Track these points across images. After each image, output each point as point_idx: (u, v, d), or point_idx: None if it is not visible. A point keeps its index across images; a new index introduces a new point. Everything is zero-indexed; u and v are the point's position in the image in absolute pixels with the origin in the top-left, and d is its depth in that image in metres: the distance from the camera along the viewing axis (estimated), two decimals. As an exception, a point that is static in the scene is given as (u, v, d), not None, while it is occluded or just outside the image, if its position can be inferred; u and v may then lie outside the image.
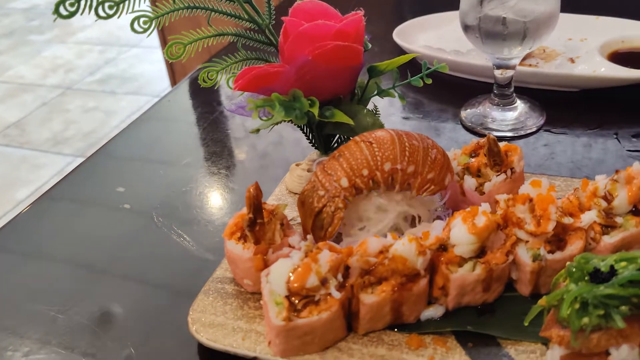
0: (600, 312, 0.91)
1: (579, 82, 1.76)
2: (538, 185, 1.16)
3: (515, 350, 1.05)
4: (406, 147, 1.20)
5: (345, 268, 1.11)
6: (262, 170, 1.72)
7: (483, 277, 1.09)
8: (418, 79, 1.39)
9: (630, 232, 1.13)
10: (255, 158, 1.77)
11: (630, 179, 1.15)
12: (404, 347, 1.08)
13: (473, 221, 1.10)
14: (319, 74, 1.27)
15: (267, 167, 1.73)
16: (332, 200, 1.20)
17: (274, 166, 1.71)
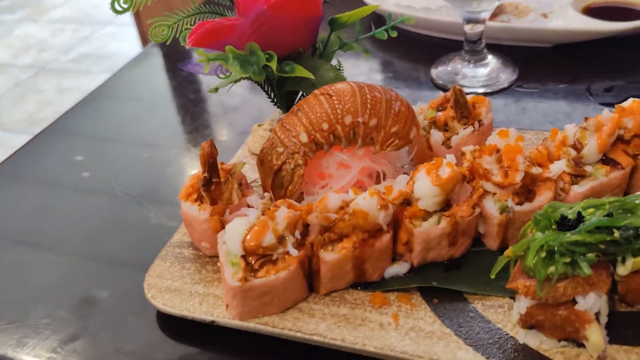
0: (567, 259, 0.87)
1: (551, 37, 1.71)
2: (506, 136, 1.11)
3: (483, 305, 1.01)
4: (368, 99, 1.14)
5: (306, 226, 1.06)
6: (228, 132, 1.66)
7: (448, 230, 1.05)
8: (382, 31, 1.33)
9: (599, 181, 1.09)
10: (219, 121, 1.71)
11: (600, 127, 1.10)
12: (367, 306, 1.03)
13: (437, 173, 1.05)
14: (276, 26, 1.21)
15: (233, 127, 1.67)
16: (292, 157, 1.14)
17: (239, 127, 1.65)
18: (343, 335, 0.98)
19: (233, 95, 1.76)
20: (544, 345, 0.93)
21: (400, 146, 1.19)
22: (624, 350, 0.91)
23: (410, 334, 0.97)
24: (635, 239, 0.90)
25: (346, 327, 1.00)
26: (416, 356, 0.94)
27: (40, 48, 6.30)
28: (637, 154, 1.12)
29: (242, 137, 1.55)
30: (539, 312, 0.90)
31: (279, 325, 1.02)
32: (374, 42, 1.89)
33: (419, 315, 1.00)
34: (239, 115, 1.70)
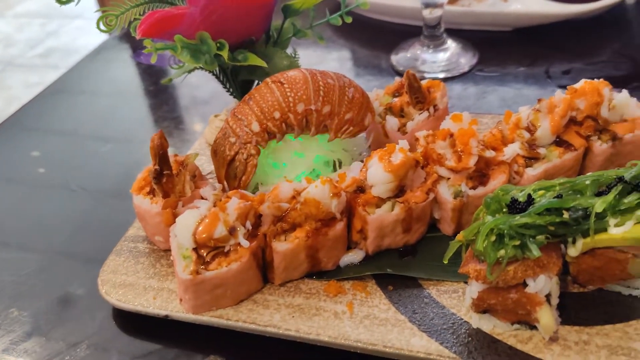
0: (516, 242, 0.86)
1: (511, 20, 1.70)
2: (459, 120, 1.10)
3: (437, 291, 1.00)
4: (320, 86, 1.12)
5: (258, 216, 1.04)
6: (191, 123, 1.64)
7: (402, 217, 1.04)
8: (337, 17, 1.31)
9: (553, 163, 1.09)
10: (183, 112, 1.68)
11: (553, 108, 1.10)
12: (322, 295, 1.02)
13: (389, 159, 1.04)
14: (226, 14, 1.18)
15: (195, 118, 1.65)
16: (244, 147, 1.12)
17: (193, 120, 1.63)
18: (297, 325, 0.97)
19: (194, 86, 1.74)
20: (497, 329, 0.92)
21: (355, 133, 1.17)
22: (575, 331, 0.91)
23: (365, 322, 0.96)
24: (585, 219, 0.89)
25: (301, 318, 0.98)
26: (370, 344, 0.93)
27: (6, 43, 6.19)
28: (589, 135, 1.12)
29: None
30: (491, 296, 0.89)
31: (233, 317, 1.00)
32: (335, 30, 1.87)
33: (374, 303, 0.99)
34: (206, 107, 1.68)
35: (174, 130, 1.57)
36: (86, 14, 6.51)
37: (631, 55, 1.58)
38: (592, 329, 0.91)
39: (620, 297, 0.95)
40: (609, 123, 1.12)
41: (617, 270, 0.92)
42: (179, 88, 1.76)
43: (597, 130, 1.12)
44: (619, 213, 0.90)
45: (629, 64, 1.55)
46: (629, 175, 0.93)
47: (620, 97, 1.12)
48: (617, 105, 1.11)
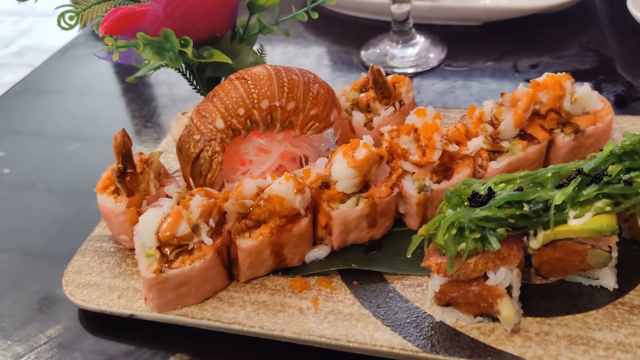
0: (477, 235, 0.87)
1: (479, 15, 1.71)
2: (423, 114, 1.11)
3: (402, 285, 1.01)
4: (285, 82, 1.12)
5: (223, 213, 1.04)
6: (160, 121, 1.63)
7: (367, 212, 1.04)
8: (302, 13, 1.31)
9: (517, 157, 1.09)
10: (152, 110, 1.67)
11: (516, 102, 1.11)
12: (288, 291, 1.02)
13: (353, 155, 1.04)
14: (190, 11, 1.17)
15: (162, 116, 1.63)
16: (209, 144, 1.12)
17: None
18: (262, 322, 0.97)
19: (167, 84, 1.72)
20: (461, 322, 0.93)
21: (321, 129, 1.17)
22: (537, 322, 0.92)
23: (329, 317, 0.96)
24: (545, 212, 0.90)
25: (265, 314, 0.98)
26: (334, 339, 0.93)
27: (-21, 42, 6.09)
28: (553, 128, 1.13)
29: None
30: (452, 289, 0.90)
31: (198, 315, 1.00)
32: (306, 26, 1.87)
33: (339, 298, 0.99)
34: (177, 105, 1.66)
35: (142, 128, 1.56)
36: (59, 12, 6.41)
37: (597, 49, 1.60)
38: (553, 320, 0.92)
39: (581, 287, 0.96)
40: (572, 116, 1.14)
41: (577, 262, 0.93)
42: (150, 85, 1.74)
43: (560, 124, 1.13)
44: (579, 205, 0.91)
45: (595, 57, 1.56)
46: (587, 167, 0.94)
47: (582, 90, 1.13)
48: (579, 98, 1.12)
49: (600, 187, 0.91)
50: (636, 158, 0.96)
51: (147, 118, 1.63)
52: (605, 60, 1.56)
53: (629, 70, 1.52)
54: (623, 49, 1.60)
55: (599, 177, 0.91)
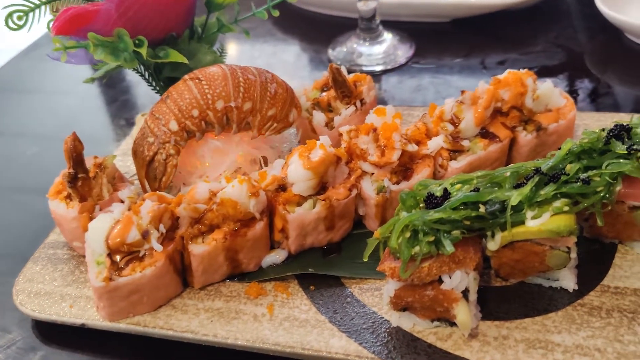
0: (430, 238, 0.84)
1: (448, 11, 1.69)
2: (383, 114, 1.08)
3: (360, 289, 0.98)
4: (240, 82, 1.09)
5: (177, 218, 1.01)
6: (114, 125, 1.59)
7: (324, 214, 1.01)
8: (263, 11, 1.28)
9: (478, 155, 1.07)
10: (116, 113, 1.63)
11: (476, 100, 1.08)
12: (243, 298, 0.99)
13: (309, 156, 1.01)
14: (143, 10, 1.14)
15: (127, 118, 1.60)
16: (163, 147, 1.09)
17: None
18: (215, 330, 0.94)
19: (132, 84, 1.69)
20: (418, 327, 0.91)
21: (280, 130, 1.15)
22: (495, 326, 0.89)
23: (284, 324, 0.94)
24: (502, 213, 0.88)
25: (219, 322, 0.95)
26: (288, 347, 0.90)
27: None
28: (515, 125, 1.11)
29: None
30: (408, 294, 0.87)
31: (151, 324, 0.97)
32: (274, 24, 1.84)
33: (295, 304, 0.97)
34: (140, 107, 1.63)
35: (104, 130, 1.53)
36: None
37: (565, 44, 1.58)
38: (512, 323, 0.90)
39: (541, 289, 0.94)
40: (534, 113, 1.12)
41: (537, 263, 0.91)
42: (115, 85, 1.71)
43: (523, 121, 1.11)
44: (536, 205, 0.89)
45: (562, 53, 1.55)
46: (545, 166, 0.92)
47: (544, 87, 1.11)
48: (541, 95, 1.10)
49: (558, 186, 0.89)
50: (595, 156, 0.94)
51: (111, 119, 1.60)
52: (574, 56, 1.54)
53: (597, 66, 1.50)
54: (591, 44, 1.59)
55: (557, 176, 0.89)
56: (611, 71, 1.48)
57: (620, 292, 0.92)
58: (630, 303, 0.90)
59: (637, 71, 1.46)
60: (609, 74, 1.48)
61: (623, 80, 1.45)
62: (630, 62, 1.48)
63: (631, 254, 0.98)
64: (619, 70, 1.48)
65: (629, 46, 1.52)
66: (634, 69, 1.46)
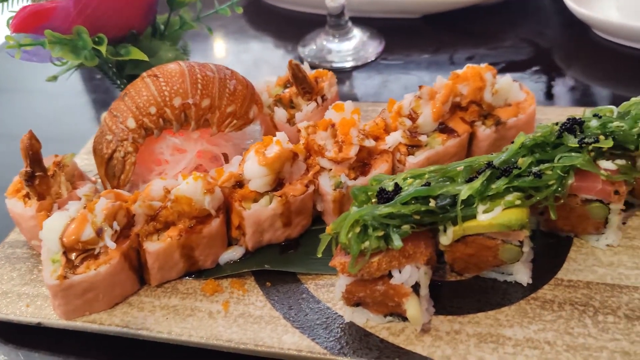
0: (380, 233, 0.84)
1: (417, 7, 1.69)
2: (341, 109, 1.08)
3: (316, 285, 0.98)
4: (198, 79, 1.09)
5: (133, 216, 1.01)
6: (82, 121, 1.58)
7: (280, 211, 1.01)
8: (225, 8, 1.28)
9: (436, 150, 1.07)
10: (76, 110, 1.62)
11: (434, 94, 1.08)
12: (199, 295, 0.99)
13: (264, 152, 1.01)
14: (103, 7, 1.14)
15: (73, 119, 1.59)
16: (121, 144, 1.08)
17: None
18: (170, 327, 0.94)
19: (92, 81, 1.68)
20: (371, 322, 0.91)
21: (240, 126, 1.14)
22: (448, 321, 0.90)
23: (239, 321, 0.93)
24: (453, 207, 0.88)
25: (175, 319, 0.95)
26: (241, 343, 0.90)
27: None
28: (474, 120, 1.11)
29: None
30: (359, 289, 0.87)
31: (107, 321, 0.96)
32: (247, 20, 1.83)
33: (250, 301, 0.97)
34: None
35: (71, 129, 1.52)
36: None
37: (533, 40, 1.58)
38: (465, 318, 0.90)
39: (496, 283, 0.94)
40: (493, 108, 1.12)
41: (490, 257, 0.91)
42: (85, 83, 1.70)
43: (482, 116, 1.11)
44: (488, 199, 0.89)
45: (530, 48, 1.55)
46: (498, 160, 0.92)
47: (502, 82, 1.11)
48: (500, 89, 1.11)
49: (510, 180, 0.89)
50: (548, 150, 0.94)
51: (81, 117, 1.59)
52: (541, 51, 1.54)
53: (564, 61, 1.50)
54: (559, 40, 1.59)
55: (509, 170, 0.90)
56: (578, 66, 1.49)
57: (573, 285, 0.92)
58: (582, 296, 0.90)
59: (603, 66, 1.46)
60: (575, 69, 1.48)
61: (589, 75, 1.45)
62: (596, 57, 1.49)
63: (586, 247, 0.98)
64: (585, 65, 1.49)
65: (596, 41, 1.53)
66: (600, 64, 1.47)
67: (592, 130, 0.95)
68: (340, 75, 1.57)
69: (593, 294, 0.90)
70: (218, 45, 1.75)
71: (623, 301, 0.89)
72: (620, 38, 1.48)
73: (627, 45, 1.47)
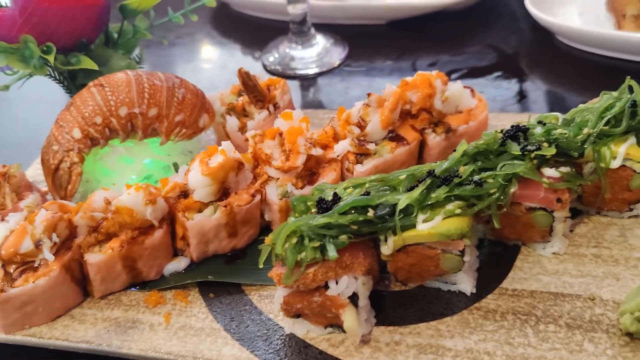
0: (316, 244, 0.83)
1: (381, 13, 1.68)
2: (290, 118, 1.07)
3: (259, 296, 0.97)
4: (145, 88, 1.08)
5: (76, 227, 0.99)
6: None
7: (224, 221, 1.00)
8: (179, 16, 1.27)
9: (384, 159, 1.06)
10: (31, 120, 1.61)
11: (382, 102, 1.08)
12: (142, 307, 0.98)
13: (208, 162, 1.00)
14: (49, 15, 1.13)
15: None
16: (67, 155, 1.07)
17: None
18: (111, 339, 0.93)
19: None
20: (312, 334, 0.89)
21: (189, 135, 1.13)
22: (389, 331, 0.88)
23: (179, 333, 0.92)
24: (392, 216, 0.87)
25: (116, 331, 0.94)
26: (180, 356, 0.89)
27: None
28: (424, 128, 1.10)
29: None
30: (296, 300, 0.86)
31: (47, 335, 0.95)
32: (213, 27, 1.83)
33: (192, 312, 0.95)
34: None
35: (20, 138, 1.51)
36: None
37: (497, 46, 1.58)
38: (406, 329, 0.89)
39: (440, 293, 0.93)
40: (444, 115, 1.11)
41: (432, 267, 0.90)
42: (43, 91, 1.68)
43: (432, 123, 1.11)
44: (429, 208, 0.88)
45: (493, 54, 1.55)
46: (439, 169, 0.91)
47: (453, 89, 1.11)
48: (450, 96, 1.10)
49: (451, 189, 0.88)
50: (492, 158, 0.93)
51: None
52: (505, 57, 1.54)
53: (527, 67, 1.50)
54: (523, 46, 1.59)
55: (449, 178, 0.89)
56: (540, 72, 1.48)
57: (517, 295, 0.91)
58: (525, 305, 0.89)
59: (565, 72, 1.46)
60: (538, 74, 1.47)
61: (551, 81, 1.45)
62: (558, 63, 1.48)
63: (533, 256, 0.97)
64: (548, 71, 1.48)
65: (558, 47, 1.52)
66: (562, 70, 1.46)
67: (536, 138, 0.94)
68: (304, 82, 1.57)
69: (536, 303, 0.89)
70: (183, 53, 1.74)
71: (565, 310, 0.88)
72: (582, 44, 1.47)
73: (589, 51, 1.46)
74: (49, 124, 1.35)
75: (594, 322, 0.86)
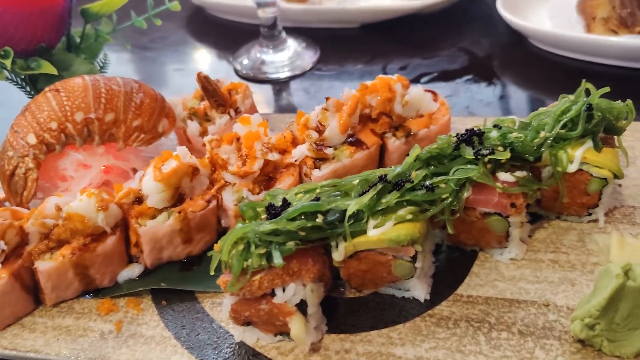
0: (262, 251, 0.82)
1: (355, 16, 1.67)
2: (248, 122, 1.06)
3: (212, 304, 0.95)
4: (102, 93, 1.07)
5: (27, 234, 0.98)
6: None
7: (178, 227, 0.98)
8: (142, 20, 1.26)
9: (343, 163, 1.05)
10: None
11: (340, 106, 1.06)
12: (94, 314, 0.96)
13: (161, 167, 0.99)
14: (7, 19, 1.12)
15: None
16: (22, 161, 1.06)
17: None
18: (60, 348, 0.91)
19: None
20: (262, 342, 0.88)
21: (148, 140, 1.12)
22: (340, 339, 0.87)
23: (129, 342, 0.91)
24: (342, 222, 0.86)
25: (65, 340, 0.92)
26: (127, 365, 0.88)
27: None
28: (385, 132, 1.09)
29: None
30: (244, 308, 0.85)
31: (-5, 344, 0.94)
32: (187, 31, 1.81)
33: (144, 320, 0.94)
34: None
35: None
36: None
37: (468, 49, 1.57)
38: (357, 336, 0.87)
39: (394, 300, 0.92)
40: (404, 119, 1.10)
41: (385, 273, 0.89)
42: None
43: (393, 127, 1.09)
44: (380, 213, 0.87)
45: (465, 57, 1.53)
46: (392, 174, 0.90)
47: (413, 93, 1.09)
48: (411, 100, 1.09)
49: (402, 194, 0.87)
50: (446, 162, 0.92)
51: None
52: (476, 60, 1.53)
53: (498, 70, 1.49)
54: (494, 49, 1.57)
55: (401, 183, 0.87)
56: (511, 75, 1.47)
57: (471, 301, 0.90)
58: (479, 312, 0.88)
59: (536, 75, 1.45)
60: (509, 78, 1.46)
61: (522, 84, 1.44)
62: (530, 66, 1.47)
63: (490, 262, 0.96)
64: (518, 74, 1.47)
65: (530, 50, 1.51)
66: (533, 73, 1.45)
67: (491, 142, 0.93)
68: (276, 86, 1.56)
69: (490, 310, 0.88)
70: (155, 57, 1.73)
71: (519, 317, 0.86)
72: (553, 47, 1.46)
73: (560, 54, 1.45)
74: (6, 129, 1.33)
75: (547, 329, 0.84)
